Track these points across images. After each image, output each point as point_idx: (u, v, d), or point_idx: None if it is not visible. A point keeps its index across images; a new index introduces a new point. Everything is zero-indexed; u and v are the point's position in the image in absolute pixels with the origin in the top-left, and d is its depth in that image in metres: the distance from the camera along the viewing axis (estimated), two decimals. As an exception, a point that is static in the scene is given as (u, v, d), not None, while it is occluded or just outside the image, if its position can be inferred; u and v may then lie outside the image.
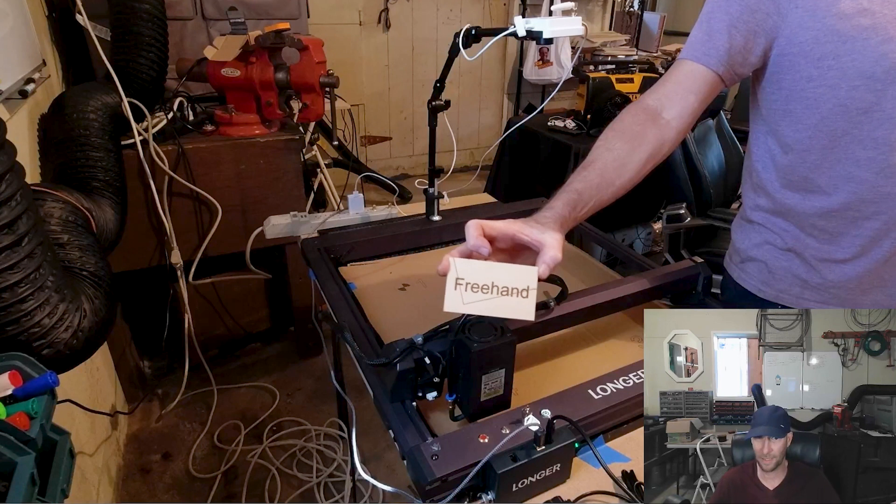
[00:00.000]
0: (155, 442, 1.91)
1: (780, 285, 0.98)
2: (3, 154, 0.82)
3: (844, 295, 0.92)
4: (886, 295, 0.91)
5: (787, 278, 0.97)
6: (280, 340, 2.43)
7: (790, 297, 0.97)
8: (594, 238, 1.38)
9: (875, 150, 0.81)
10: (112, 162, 1.49)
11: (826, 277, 0.92)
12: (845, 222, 0.87)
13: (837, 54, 0.79)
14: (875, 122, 0.79)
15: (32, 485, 0.65)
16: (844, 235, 0.88)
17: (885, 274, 0.89)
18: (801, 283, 0.95)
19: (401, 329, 0.98)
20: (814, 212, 0.89)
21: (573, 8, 1.07)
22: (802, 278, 0.95)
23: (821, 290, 0.93)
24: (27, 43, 1.45)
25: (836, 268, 0.91)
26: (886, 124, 0.79)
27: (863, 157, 0.82)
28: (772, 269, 0.99)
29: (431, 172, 1.36)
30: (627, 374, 0.84)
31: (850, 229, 0.87)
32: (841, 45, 0.78)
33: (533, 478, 0.69)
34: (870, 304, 0.91)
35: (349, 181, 1.98)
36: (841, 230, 0.88)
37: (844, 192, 0.85)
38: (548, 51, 3.93)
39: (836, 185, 0.85)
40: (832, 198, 0.87)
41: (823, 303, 0.94)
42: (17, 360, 0.77)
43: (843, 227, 0.88)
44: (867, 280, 0.90)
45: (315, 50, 1.74)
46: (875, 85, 0.78)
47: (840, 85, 0.80)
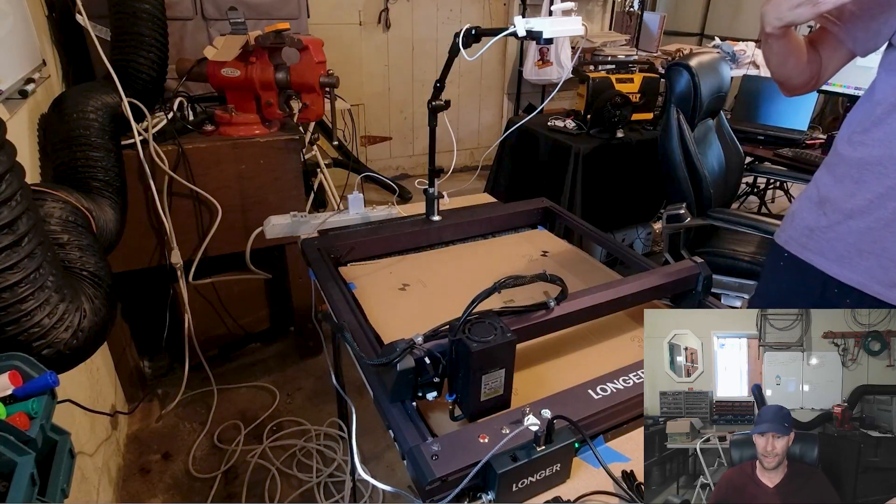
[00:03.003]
0: (155, 442, 1.91)
1: (790, 231, 1.11)
2: (3, 154, 0.82)
3: (842, 250, 1.01)
4: (880, 266, 0.97)
5: (801, 227, 1.08)
6: (280, 340, 2.43)
7: (797, 245, 1.08)
8: (594, 238, 1.38)
9: None
10: (112, 162, 1.49)
11: (834, 225, 1.02)
12: (872, 176, 0.96)
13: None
14: None
15: (32, 485, 0.65)
16: (864, 186, 0.97)
17: (883, 239, 0.96)
18: (808, 231, 1.06)
19: (401, 329, 0.98)
20: (856, 160, 0.99)
21: (573, 8, 1.07)
22: (810, 226, 1.06)
23: (825, 238, 1.03)
24: (27, 43, 1.45)
25: (846, 218, 1.00)
26: None
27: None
28: (793, 213, 1.11)
29: (431, 172, 1.36)
30: (627, 374, 0.84)
31: (871, 182, 0.96)
32: None
33: (533, 478, 0.69)
34: (864, 269, 0.99)
35: (349, 181, 1.98)
36: (866, 181, 0.97)
37: (887, 146, 0.94)
38: (548, 51, 3.93)
39: (887, 139, 0.94)
40: (874, 149, 0.96)
41: (822, 255, 1.04)
42: (17, 360, 0.77)
43: (869, 179, 0.97)
44: (867, 240, 0.98)
45: (315, 50, 1.74)
46: None
47: None
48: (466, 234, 1.42)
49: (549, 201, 1.51)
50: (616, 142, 2.49)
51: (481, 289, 0.81)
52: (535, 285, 0.89)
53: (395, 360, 0.74)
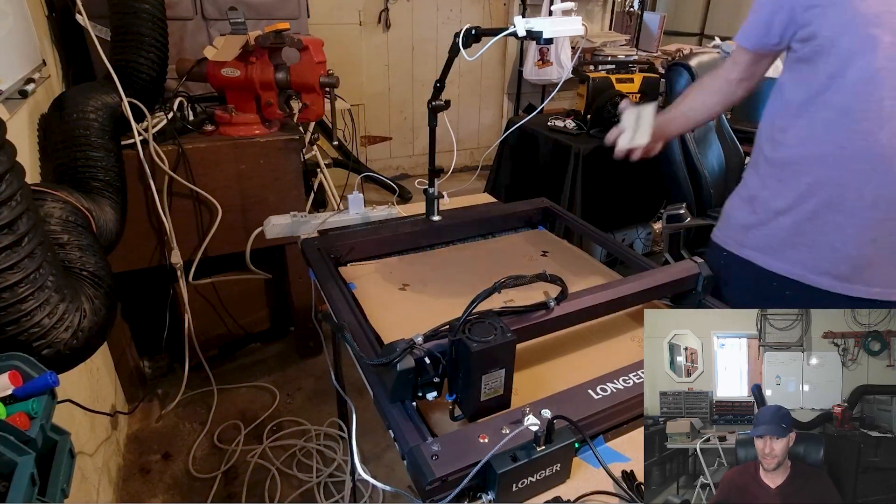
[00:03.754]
0: (155, 442, 1.91)
1: (727, 230, 1.16)
2: (3, 154, 0.82)
3: (776, 245, 1.07)
4: (811, 256, 1.03)
5: (736, 225, 1.14)
6: (280, 340, 2.43)
7: (734, 243, 1.14)
8: (594, 238, 1.38)
9: (832, 113, 0.95)
10: (112, 162, 1.49)
11: (764, 223, 1.08)
12: (791, 175, 1.03)
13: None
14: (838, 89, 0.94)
15: (32, 485, 0.64)
16: (787, 185, 1.03)
17: (812, 234, 1.02)
18: (743, 229, 1.12)
19: (401, 329, 0.98)
20: (778, 161, 1.05)
21: (573, 8, 1.07)
22: (745, 223, 1.11)
23: (758, 235, 1.09)
24: (27, 43, 1.45)
25: (774, 216, 1.06)
26: (845, 92, 0.93)
27: (821, 118, 0.97)
28: (727, 212, 1.18)
29: (431, 172, 1.36)
30: (627, 374, 0.84)
31: (792, 181, 1.02)
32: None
33: (533, 478, 0.69)
34: (797, 260, 1.05)
35: (349, 181, 1.98)
36: (787, 180, 1.03)
37: (801, 147, 1.01)
38: (548, 51, 3.93)
39: (800, 140, 1.01)
40: (793, 150, 1.02)
41: (755, 249, 1.10)
42: (17, 360, 0.77)
43: (789, 178, 1.03)
44: (796, 235, 1.04)
45: (315, 50, 1.74)
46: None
47: None
48: (466, 234, 1.42)
49: (549, 201, 1.51)
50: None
51: (481, 289, 0.81)
52: (535, 285, 0.89)
53: (395, 360, 0.74)
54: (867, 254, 0.98)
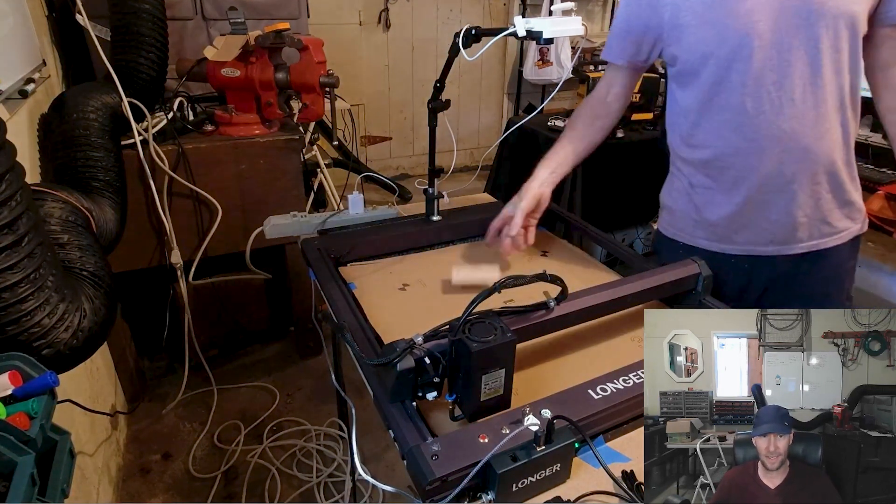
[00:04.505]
0: (155, 442, 1.91)
1: (679, 224, 1.21)
2: (3, 154, 0.82)
3: (722, 232, 1.14)
4: (755, 234, 1.11)
5: (684, 218, 1.20)
6: (280, 340, 2.43)
7: (686, 234, 1.20)
8: (594, 238, 1.38)
9: (729, 113, 1.03)
10: (112, 162, 1.49)
11: (707, 217, 1.14)
12: (716, 171, 1.10)
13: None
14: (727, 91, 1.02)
15: (32, 485, 0.64)
16: (716, 180, 1.11)
17: (750, 215, 1.10)
18: (692, 222, 1.18)
19: (401, 329, 0.98)
20: (698, 161, 1.13)
21: (573, 8, 1.07)
22: (693, 217, 1.18)
23: (706, 226, 1.16)
24: (27, 43, 1.46)
25: (714, 209, 1.13)
26: (734, 93, 1.01)
27: (721, 119, 1.04)
28: (671, 208, 1.24)
29: (431, 172, 1.36)
30: (627, 374, 0.84)
31: (719, 176, 1.10)
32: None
33: (533, 478, 0.69)
34: (743, 241, 1.12)
35: (349, 181, 1.98)
36: (715, 176, 1.11)
37: (714, 147, 1.08)
38: (548, 51, 3.93)
39: (710, 141, 1.09)
40: (706, 150, 1.10)
41: (707, 239, 1.16)
42: (17, 360, 0.77)
43: (716, 174, 1.10)
44: (737, 220, 1.11)
45: (315, 50, 1.74)
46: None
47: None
48: (466, 234, 1.42)
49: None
50: (616, 142, 2.49)
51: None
52: (535, 285, 0.89)
53: (395, 360, 0.74)
54: (797, 219, 1.08)
